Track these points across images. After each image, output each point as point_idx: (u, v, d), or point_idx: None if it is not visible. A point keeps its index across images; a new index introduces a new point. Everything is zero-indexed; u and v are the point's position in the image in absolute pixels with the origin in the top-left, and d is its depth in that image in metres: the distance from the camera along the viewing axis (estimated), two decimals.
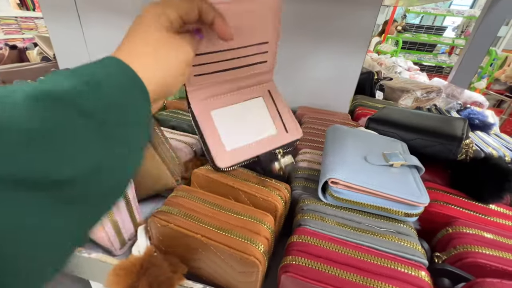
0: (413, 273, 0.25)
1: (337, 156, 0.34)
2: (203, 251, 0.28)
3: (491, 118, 0.66)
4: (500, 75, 2.93)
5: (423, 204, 0.29)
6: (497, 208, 0.35)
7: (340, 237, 0.29)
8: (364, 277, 0.25)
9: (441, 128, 0.42)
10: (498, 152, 0.52)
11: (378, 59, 1.31)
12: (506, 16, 1.05)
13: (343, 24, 0.59)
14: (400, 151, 0.36)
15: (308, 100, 0.69)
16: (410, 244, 0.28)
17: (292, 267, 0.26)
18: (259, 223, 0.28)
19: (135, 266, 0.26)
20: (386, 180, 0.30)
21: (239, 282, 0.28)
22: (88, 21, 0.77)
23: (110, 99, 0.17)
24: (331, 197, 0.32)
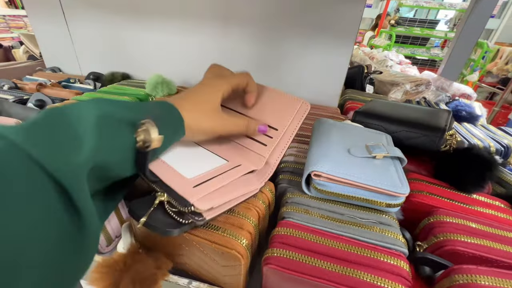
0: (393, 262, 0.25)
1: (320, 149, 0.34)
2: (187, 246, 0.28)
3: (478, 110, 0.67)
4: (492, 67, 2.96)
5: (403, 194, 0.29)
6: (478, 197, 0.35)
7: (323, 228, 0.29)
8: (345, 267, 0.25)
9: (425, 119, 0.42)
10: (483, 143, 0.53)
11: (370, 53, 1.31)
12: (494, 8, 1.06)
13: (330, 17, 0.58)
14: (384, 143, 0.36)
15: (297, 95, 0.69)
16: (392, 234, 0.29)
17: (274, 259, 0.26)
18: (242, 218, 0.28)
19: (117, 263, 0.26)
20: (368, 171, 0.31)
21: (224, 276, 0.28)
22: (73, 18, 0.76)
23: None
24: (315, 189, 0.32)
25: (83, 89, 0.70)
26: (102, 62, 0.80)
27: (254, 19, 0.63)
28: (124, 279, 0.25)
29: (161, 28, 0.71)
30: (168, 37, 0.72)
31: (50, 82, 0.68)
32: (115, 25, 0.74)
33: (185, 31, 0.70)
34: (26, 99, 0.57)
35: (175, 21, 0.69)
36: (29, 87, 0.64)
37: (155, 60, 0.76)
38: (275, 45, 0.65)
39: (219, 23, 0.66)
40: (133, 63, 0.79)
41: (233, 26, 0.66)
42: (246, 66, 0.69)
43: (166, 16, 0.69)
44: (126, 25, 0.73)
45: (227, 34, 0.67)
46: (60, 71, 0.85)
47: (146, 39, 0.74)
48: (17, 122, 0.47)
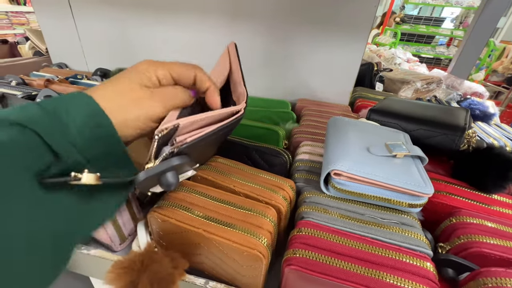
0: (418, 263, 0.25)
1: (339, 148, 0.34)
2: (205, 245, 0.27)
3: (492, 109, 0.66)
4: (498, 66, 2.92)
5: (427, 194, 0.28)
6: (499, 197, 0.35)
7: (344, 229, 0.28)
8: (369, 269, 0.24)
9: (443, 118, 0.41)
10: (499, 142, 0.52)
11: (377, 50, 1.30)
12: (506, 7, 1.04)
13: (343, 14, 0.57)
14: (403, 142, 0.35)
15: (307, 93, 0.68)
16: (414, 235, 0.28)
17: (295, 260, 0.25)
18: (261, 217, 0.28)
19: (135, 262, 0.26)
20: (390, 171, 0.30)
21: (243, 276, 0.28)
22: (80, 14, 0.75)
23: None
24: (334, 189, 0.31)
25: (90, 85, 0.69)
26: (109, 58, 0.80)
27: (262, 14, 0.62)
28: (142, 279, 0.24)
29: (169, 24, 0.70)
30: (176, 33, 0.71)
31: (57, 78, 0.67)
32: (123, 21, 0.73)
33: (193, 26, 0.69)
34: (34, 95, 0.56)
35: (183, 17, 0.68)
36: (37, 83, 0.63)
37: (162, 56, 0.75)
38: (284, 41, 0.64)
39: (228, 19, 0.65)
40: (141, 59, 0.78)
41: (242, 22, 0.65)
42: (254, 63, 0.68)
43: (173, 12, 0.68)
44: (134, 21, 0.72)
45: (235, 30, 0.66)
46: (66, 67, 0.84)
47: (154, 35, 0.73)
48: None
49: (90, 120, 0.19)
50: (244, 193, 0.31)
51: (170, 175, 0.22)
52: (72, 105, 0.19)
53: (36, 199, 0.17)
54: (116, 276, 0.25)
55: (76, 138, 0.19)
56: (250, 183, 0.33)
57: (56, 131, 0.18)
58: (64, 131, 0.18)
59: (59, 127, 0.18)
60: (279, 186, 0.32)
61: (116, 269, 0.25)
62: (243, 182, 0.33)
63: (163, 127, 0.21)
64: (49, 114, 0.18)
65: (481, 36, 1.00)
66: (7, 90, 0.58)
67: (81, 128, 0.19)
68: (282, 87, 0.69)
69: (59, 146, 0.18)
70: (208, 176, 0.34)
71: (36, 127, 0.17)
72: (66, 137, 0.18)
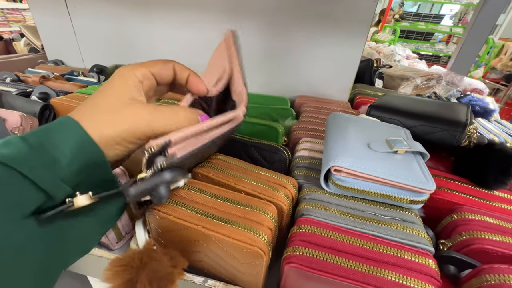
0: (420, 261, 0.24)
1: (339, 144, 0.33)
2: (205, 243, 0.27)
3: (492, 105, 0.65)
4: (496, 63, 2.92)
5: (429, 190, 0.28)
6: (501, 194, 0.34)
7: (345, 226, 0.28)
8: (370, 266, 0.24)
9: (444, 114, 0.41)
10: (499, 138, 0.52)
11: (376, 47, 1.29)
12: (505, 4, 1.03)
13: (342, 9, 0.56)
14: (404, 138, 0.35)
15: (307, 89, 0.67)
16: (416, 231, 0.27)
17: (295, 257, 0.25)
18: (261, 213, 0.27)
19: (134, 260, 0.25)
20: (391, 167, 0.29)
21: (243, 274, 0.27)
22: (76, 10, 0.74)
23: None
24: (334, 185, 0.31)
25: (87, 82, 0.68)
26: (105, 54, 0.78)
27: (262, 11, 0.61)
28: (141, 278, 0.24)
29: (166, 20, 0.69)
30: (174, 29, 0.70)
31: (53, 75, 0.66)
32: (119, 17, 0.71)
33: (191, 23, 0.68)
34: (29, 91, 0.55)
35: (181, 13, 0.67)
36: (32, 79, 0.62)
37: (160, 53, 0.74)
38: (284, 37, 0.63)
39: (227, 15, 0.64)
40: (138, 56, 0.77)
41: (241, 19, 0.64)
42: (253, 59, 0.67)
43: (171, 8, 0.67)
44: (130, 17, 0.71)
45: (234, 27, 0.65)
46: (62, 64, 0.83)
47: (151, 31, 0.72)
48: (22, 115, 0.45)
49: (80, 152, 0.18)
50: (245, 191, 0.31)
51: (161, 189, 0.21)
52: (61, 137, 0.18)
53: (28, 236, 0.16)
54: (114, 273, 0.24)
55: (65, 172, 0.17)
56: (251, 181, 0.32)
57: (44, 169, 0.16)
58: (53, 168, 0.17)
59: (48, 164, 0.17)
60: (281, 184, 0.32)
61: (114, 266, 0.25)
62: (244, 180, 0.32)
63: (153, 143, 0.20)
64: (36, 150, 0.17)
65: (480, 33, 1.00)
66: (2, 87, 0.57)
67: (71, 161, 0.18)
68: (281, 84, 0.69)
69: (47, 184, 0.16)
70: (209, 174, 0.33)
71: (21, 167, 0.16)
72: (55, 173, 0.17)
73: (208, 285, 0.29)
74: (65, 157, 0.17)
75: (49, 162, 0.17)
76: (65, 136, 0.18)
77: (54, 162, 0.17)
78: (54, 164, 0.17)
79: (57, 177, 0.17)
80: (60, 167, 0.17)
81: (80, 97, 0.52)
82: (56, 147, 0.17)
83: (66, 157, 0.17)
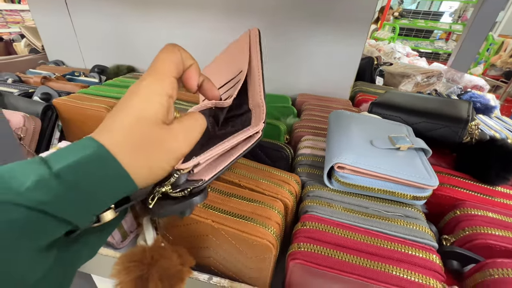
0: (424, 256, 0.25)
1: (342, 141, 0.33)
2: (214, 237, 0.27)
3: (493, 101, 0.65)
4: (496, 60, 2.92)
5: (432, 186, 0.28)
6: (503, 189, 0.35)
7: (348, 222, 0.28)
8: (375, 262, 0.24)
9: (445, 110, 0.41)
10: (500, 134, 0.52)
11: (376, 45, 1.29)
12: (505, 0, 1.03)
13: (342, 8, 0.57)
14: (406, 134, 0.35)
15: (308, 87, 0.67)
16: (419, 227, 0.28)
17: (300, 254, 0.25)
18: (269, 208, 0.27)
19: (145, 257, 0.25)
20: (394, 163, 0.30)
21: (251, 269, 0.27)
22: (76, 10, 0.74)
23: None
24: (337, 182, 0.31)
25: (88, 82, 0.68)
26: (106, 54, 0.79)
27: (262, 10, 0.61)
28: (151, 275, 0.24)
29: (167, 19, 0.69)
30: (174, 29, 0.70)
31: (54, 75, 0.66)
32: (119, 17, 0.72)
33: (191, 22, 0.68)
34: (31, 92, 0.55)
35: (181, 12, 0.67)
36: (33, 80, 0.62)
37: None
38: (284, 36, 0.63)
39: (226, 14, 0.64)
40: (138, 56, 0.77)
41: (240, 18, 0.64)
42: None
43: (171, 8, 0.67)
44: (130, 17, 0.71)
45: (234, 26, 0.65)
46: (63, 64, 0.83)
47: (152, 30, 0.72)
48: (24, 116, 0.45)
49: (118, 191, 0.17)
50: (250, 188, 0.31)
51: (188, 211, 0.22)
52: (100, 176, 0.16)
53: (51, 265, 0.15)
54: (125, 269, 0.24)
55: (100, 208, 0.17)
56: (255, 177, 0.32)
57: (80, 210, 0.16)
58: (89, 205, 0.16)
59: (84, 205, 0.16)
60: (285, 181, 0.32)
61: (125, 262, 0.25)
62: (248, 177, 0.32)
63: (183, 167, 0.20)
64: (73, 192, 0.15)
65: (480, 30, 1.00)
66: (4, 88, 0.57)
67: (107, 201, 0.17)
68: (283, 82, 0.69)
69: (80, 221, 0.16)
70: None
71: (58, 212, 0.14)
72: (90, 211, 0.16)
73: (213, 282, 0.29)
74: (102, 197, 0.17)
75: (86, 201, 0.16)
76: (105, 177, 0.16)
77: (91, 201, 0.16)
78: (90, 202, 0.16)
79: (91, 214, 0.16)
80: (96, 204, 0.17)
81: (82, 97, 0.52)
82: (95, 187, 0.16)
83: (103, 198, 0.17)
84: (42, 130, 0.49)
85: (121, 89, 0.58)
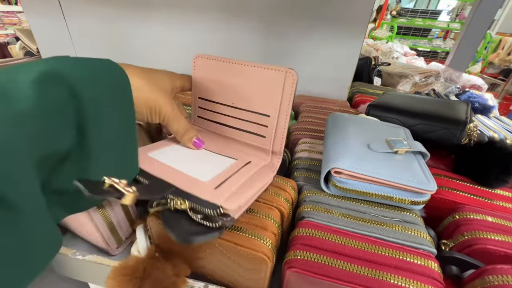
0: (422, 262, 0.24)
1: (339, 145, 0.33)
2: (208, 249, 0.26)
3: (491, 101, 0.65)
4: (494, 58, 2.93)
5: (430, 191, 0.27)
6: (502, 192, 0.34)
7: (346, 228, 0.27)
8: (372, 269, 0.24)
9: (443, 112, 0.41)
10: (499, 135, 0.52)
11: (374, 44, 1.29)
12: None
13: (339, 9, 0.56)
14: (404, 137, 0.35)
15: (305, 88, 0.67)
16: (417, 232, 0.27)
17: (296, 262, 0.24)
18: (265, 218, 0.27)
19: (138, 270, 0.25)
20: (392, 167, 0.29)
21: (247, 280, 0.27)
22: (71, 12, 0.73)
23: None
24: (335, 187, 0.31)
25: None
26: (101, 56, 0.77)
27: (259, 10, 0.61)
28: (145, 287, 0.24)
29: (163, 20, 0.68)
30: (170, 30, 0.69)
31: None
32: (114, 18, 0.71)
33: (187, 24, 0.67)
34: None
35: (177, 13, 0.67)
36: None
37: (156, 54, 0.74)
38: (281, 37, 0.63)
39: (223, 15, 0.64)
40: (134, 57, 0.76)
41: (238, 19, 0.63)
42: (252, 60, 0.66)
43: (167, 8, 0.67)
44: (126, 18, 0.70)
45: (231, 27, 0.65)
46: None
47: (147, 32, 0.71)
48: None
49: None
50: None
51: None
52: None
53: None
54: (118, 283, 0.24)
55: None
56: None
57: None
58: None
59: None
60: (280, 187, 0.31)
61: (118, 275, 0.24)
62: None
63: (228, 207, 0.22)
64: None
65: (478, 28, 1.00)
66: None
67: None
68: None
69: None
70: None
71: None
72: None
73: None
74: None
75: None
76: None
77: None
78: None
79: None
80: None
81: None
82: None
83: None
84: None
85: None
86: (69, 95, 0.18)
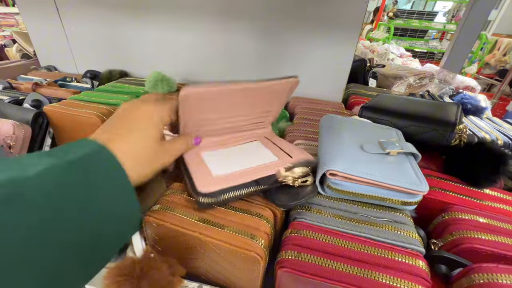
0: (411, 262, 0.25)
1: (333, 147, 0.33)
2: (202, 249, 0.27)
3: (483, 103, 0.66)
4: (490, 59, 2.95)
5: (422, 192, 0.28)
6: (491, 192, 0.35)
7: (337, 229, 0.28)
8: (362, 269, 0.24)
9: (434, 114, 0.41)
10: (490, 136, 0.52)
11: (370, 46, 1.30)
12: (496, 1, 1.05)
13: (333, 12, 0.57)
14: (396, 139, 0.35)
15: (300, 90, 0.68)
16: (407, 232, 0.28)
17: (288, 262, 0.25)
18: (258, 218, 0.27)
19: (134, 270, 0.25)
20: (385, 169, 0.30)
21: (240, 279, 0.27)
22: (67, 15, 0.73)
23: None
24: (330, 189, 0.31)
25: (80, 88, 0.68)
26: (98, 59, 0.78)
27: (255, 13, 0.61)
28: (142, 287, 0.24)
29: (160, 23, 0.69)
30: (167, 33, 0.70)
31: (46, 81, 0.66)
32: (112, 21, 0.71)
33: (185, 26, 0.68)
34: (22, 99, 0.55)
35: (174, 16, 0.67)
36: (24, 86, 0.62)
37: (153, 57, 0.74)
38: (277, 39, 0.63)
39: (220, 18, 0.64)
40: (131, 60, 0.77)
41: (234, 21, 0.64)
42: (247, 62, 0.67)
43: (164, 12, 0.67)
44: (123, 21, 0.71)
45: (227, 30, 0.65)
46: (55, 70, 0.83)
47: (144, 35, 0.72)
48: (14, 124, 0.45)
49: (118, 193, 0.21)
50: None
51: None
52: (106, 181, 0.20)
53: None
54: (115, 284, 0.24)
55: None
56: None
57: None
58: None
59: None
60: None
61: (115, 276, 0.25)
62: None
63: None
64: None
65: (472, 29, 1.01)
66: None
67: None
68: None
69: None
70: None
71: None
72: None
73: None
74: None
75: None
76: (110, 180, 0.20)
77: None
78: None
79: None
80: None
81: (73, 103, 0.52)
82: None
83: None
84: (32, 137, 0.48)
85: (112, 95, 0.57)
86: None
